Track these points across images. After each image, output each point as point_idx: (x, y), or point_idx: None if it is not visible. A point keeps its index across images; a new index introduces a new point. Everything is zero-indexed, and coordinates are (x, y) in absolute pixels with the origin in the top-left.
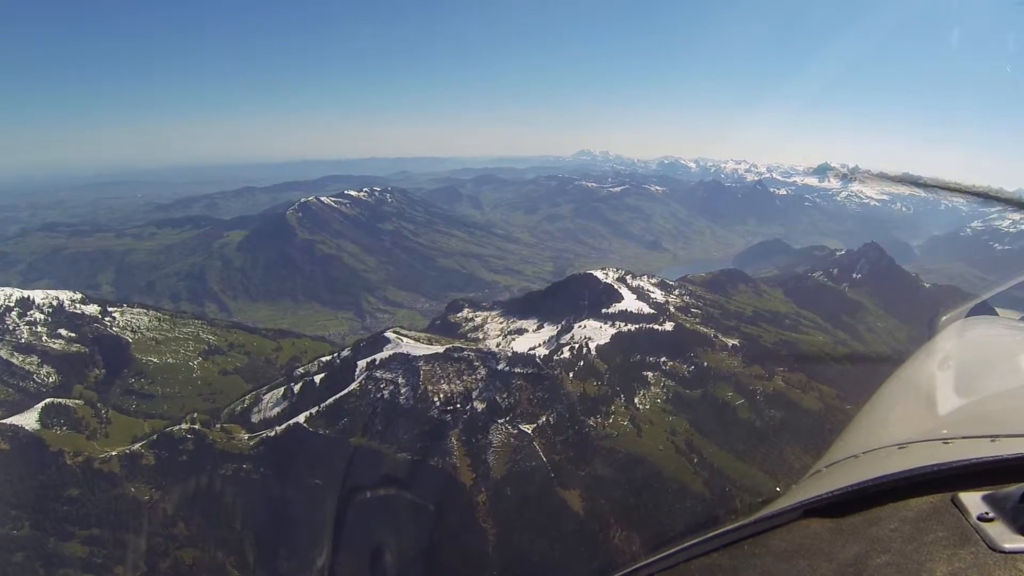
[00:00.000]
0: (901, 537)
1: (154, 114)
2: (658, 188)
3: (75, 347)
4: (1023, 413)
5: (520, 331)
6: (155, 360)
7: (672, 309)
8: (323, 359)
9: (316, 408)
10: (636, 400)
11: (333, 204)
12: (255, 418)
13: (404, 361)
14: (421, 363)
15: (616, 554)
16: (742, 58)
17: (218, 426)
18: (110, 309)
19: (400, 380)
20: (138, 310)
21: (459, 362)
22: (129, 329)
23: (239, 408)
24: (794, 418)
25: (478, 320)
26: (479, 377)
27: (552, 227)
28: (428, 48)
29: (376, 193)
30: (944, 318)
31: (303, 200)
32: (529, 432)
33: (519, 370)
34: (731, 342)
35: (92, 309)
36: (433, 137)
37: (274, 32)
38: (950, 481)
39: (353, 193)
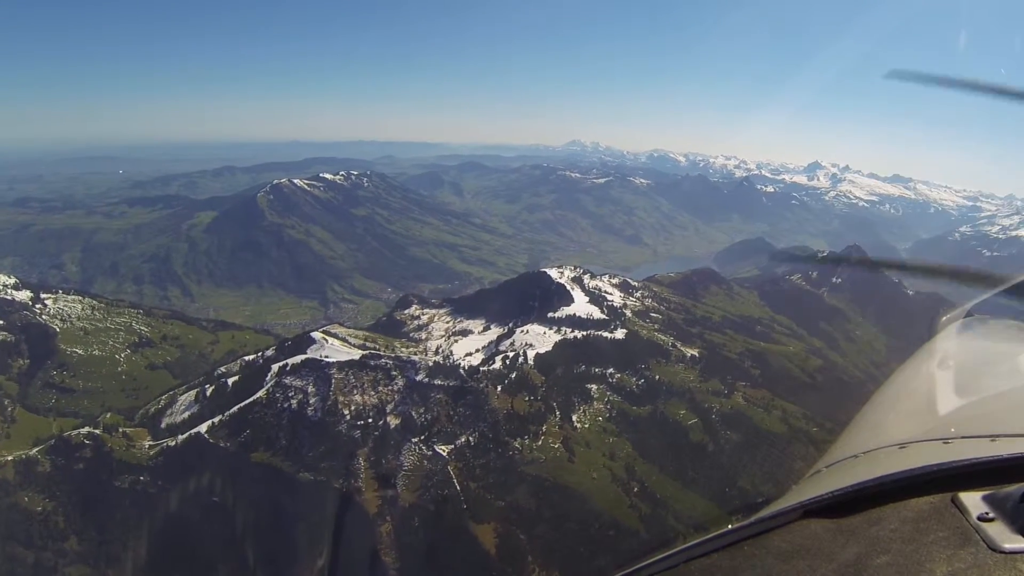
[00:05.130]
0: (901, 537)
1: (147, 92)
2: (642, 181)
3: (1, 335)
4: (1023, 413)
5: (465, 332)
6: (80, 352)
7: (628, 314)
8: (247, 358)
9: (220, 417)
10: (574, 418)
11: (306, 187)
12: (165, 422)
13: (316, 368)
14: (334, 371)
15: None
16: (740, 56)
17: (121, 431)
18: (43, 296)
19: (310, 389)
20: (73, 297)
21: (375, 371)
22: (59, 318)
23: (153, 409)
24: (753, 441)
25: (424, 319)
26: (395, 389)
27: (532, 217)
28: (426, 34)
29: (353, 177)
30: (944, 318)
31: (275, 182)
32: (445, 454)
33: (440, 382)
34: (690, 352)
35: (24, 295)
36: (424, 123)
37: (268, 14)
38: (950, 481)
39: (328, 176)
